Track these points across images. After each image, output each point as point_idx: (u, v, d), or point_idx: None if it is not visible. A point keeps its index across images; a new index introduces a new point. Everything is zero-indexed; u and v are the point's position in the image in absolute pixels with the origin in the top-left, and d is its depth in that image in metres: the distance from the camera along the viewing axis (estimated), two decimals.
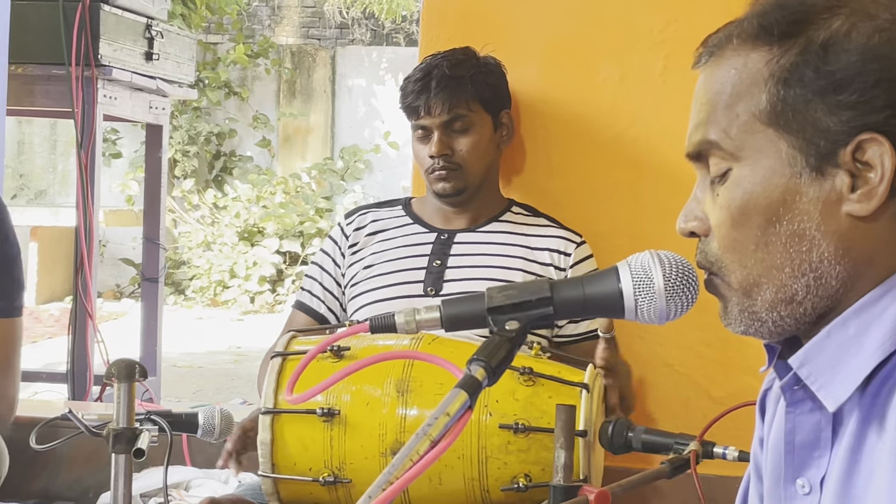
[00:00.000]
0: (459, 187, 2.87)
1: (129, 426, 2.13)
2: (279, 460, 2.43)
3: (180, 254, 10.84)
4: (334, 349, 2.46)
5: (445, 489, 2.39)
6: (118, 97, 4.57)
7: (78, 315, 4.53)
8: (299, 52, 13.50)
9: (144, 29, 4.66)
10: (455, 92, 2.86)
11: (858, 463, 1.11)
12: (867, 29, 1.08)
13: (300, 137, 13.13)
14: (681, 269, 1.20)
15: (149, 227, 5.22)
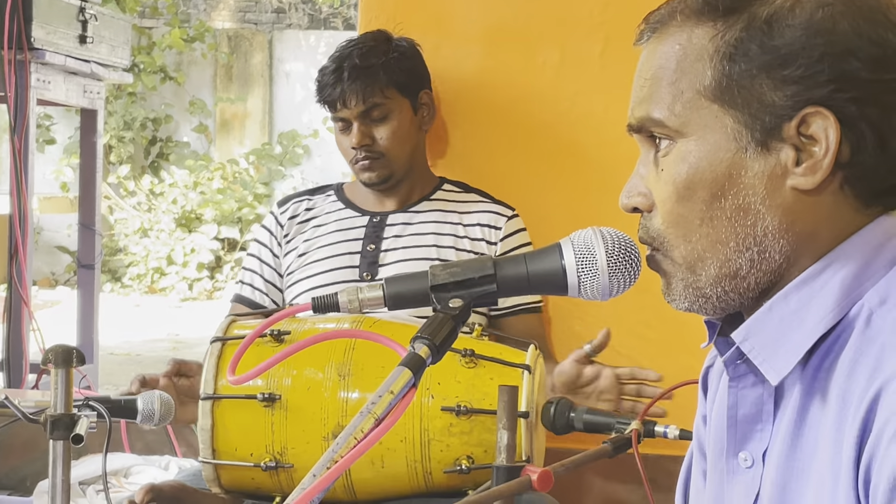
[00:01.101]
0: (385, 175, 2.88)
1: (67, 412, 2.11)
2: (220, 446, 2.42)
3: (117, 241, 10.77)
4: (274, 333, 2.45)
5: (388, 472, 2.39)
6: (52, 81, 4.53)
7: (13, 303, 4.48)
8: (236, 37, 13.42)
9: (78, 12, 4.61)
10: (368, 82, 2.86)
11: (801, 436, 1.11)
12: (811, 4, 1.08)
13: (237, 122, 13.06)
14: (623, 245, 1.20)
15: (84, 213, 5.17)
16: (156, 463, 3.13)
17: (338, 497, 2.43)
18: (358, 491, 2.42)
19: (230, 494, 2.47)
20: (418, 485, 2.40)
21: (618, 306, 3.06)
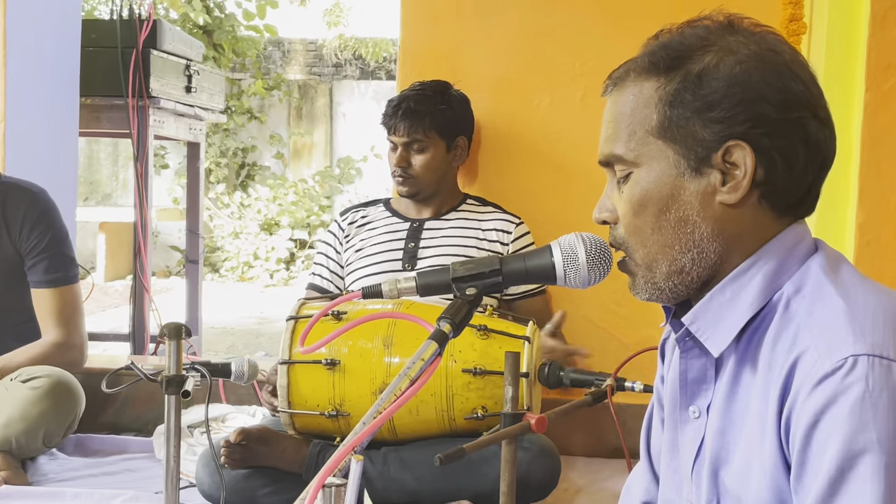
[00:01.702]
0: (413, 191, 2.91)
1: (177, 373, 2.14)
2: (294, 399, 2.43)
3: (215, 241, 10.79)
4: (334, 314, 2.46)
5: (422, 418, 2.40)
6: (165, 121, 4.55)
7: (137, 289, 4.52)
8: (304, 86, 13.43)
9: (184, 68, 4.63)
10: (415, 122, 2.87)
11: (736, 394, 1.12)
12: (731, 61, 1.10)
13: (306, 151, 13.08)
14: (599, 246, 1.22)
15: (190, 221, 5.20)
16: (245, 411, 3.15)
17: (384, 437, 2.44)
18: (399, 433, 2.43)
19: (302, 436, 2.48)
20: (444, 428, 2.41)
21: (596, 289, 3.06)
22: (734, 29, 1.14)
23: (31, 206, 2.91)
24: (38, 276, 2.91)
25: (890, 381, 0.97)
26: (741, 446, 1.10)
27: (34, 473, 2.79)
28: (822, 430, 0.98)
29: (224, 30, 11.23)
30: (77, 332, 2.94)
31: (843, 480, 0.96)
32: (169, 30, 4.48)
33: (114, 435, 3.19)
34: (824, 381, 0.98)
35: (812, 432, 0.99)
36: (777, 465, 1.04)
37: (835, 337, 1.01)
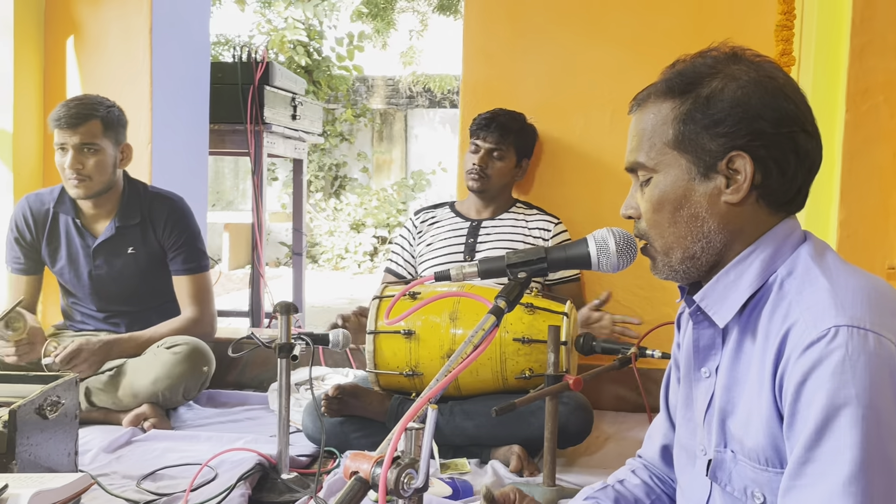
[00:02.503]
0: (482, 188, 2.88)
1: (287, 341, 2.16)
2: (378, 361, 2.45)
3: (314, 238, 10.89)
4: (410, 294, 2.48)
5: (480, 377, 2.40)
6: (276, 142, 4.60)
7: (254, 276, 4.56)
8: (384, 113, 13.49)
9: (291, 100, 4.68)
10: (503, 135, 2.88)
11: (739, 358, 1.11)
12: (734, 86, 1.09)
13: (386, 166, 13.14)
14: (626, 238, 1.21)
15: (296, 221, 5.25)
16: (340, 373, 3.17)
17: (450, 393, 2.45)
18: (462, 389, 2.44)
19: (384, 391, 2.50)
20: (499, 386, 2.41)
21: (623, 277, 3.05)
22: (738, 58, 1.13)
23: (171, 210, 2.95)
24: (178, 265, 2.95)
25: (866, 347, 0.96)
26: (743, 400, 1.09)
27: (175, 420, 2.83)
28: (809, 387, 0.97)
29: (321, 69, 11.32)
30: (208, 309, 2.97)
31: (827, 428, 0.95)
32: (279, 70, 4.52)
33: (237, 391, 3.22)
34: (811, 347, 0.98)
35: (801, 389, 0.98)
36: (772, 415, 1.03)
37: (820, 311, 1.00)
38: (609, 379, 3.07)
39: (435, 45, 13.42)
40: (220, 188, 12.89)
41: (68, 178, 2.78)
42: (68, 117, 2.75)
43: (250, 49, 4.39)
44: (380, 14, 12.98)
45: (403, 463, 0.93)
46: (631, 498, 1.33)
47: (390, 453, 0.92)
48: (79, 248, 2.90)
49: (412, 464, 0.93)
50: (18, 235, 2.92)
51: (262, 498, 2.12)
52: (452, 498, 2.07)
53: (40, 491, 1.36)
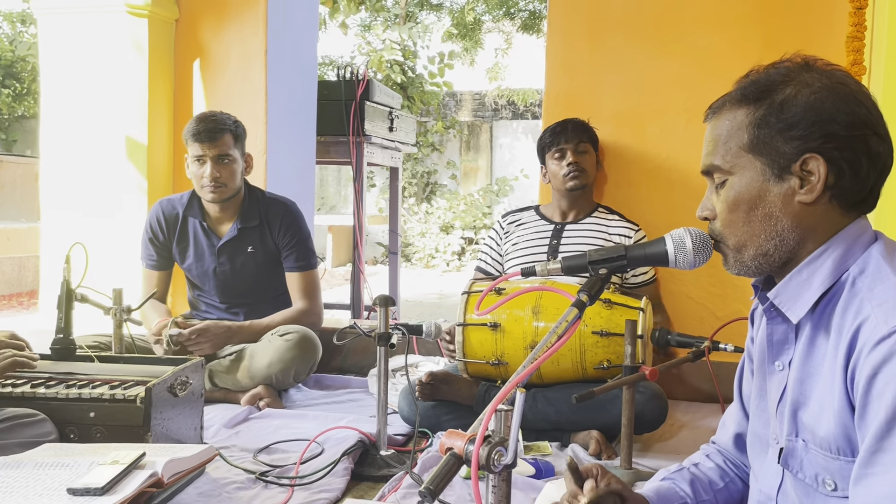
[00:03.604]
0: (582, 183, 2.83)
1: (385, 331, 2.19)
2: (467, 351, 2.46)
3: (408, 239, 11.00)
4: (496, 290, 2.48)
5: (561, 367, 2.38)
6: (374, 152, 4.67)
7: (355, 273, 4.64)
8: (471, 125, 13.54)
9: (388, 114, 4.74)
10: (581, 133, 2.86)
11: (812, 353, 1.08)
12: (807, 92, 1.06)
13: (473, 173, 13.19)
14: (702, 237, 1.19)
15: (391, 223, 5.30)
16: (432, 360, 3.19)
17: (532, 381, 2.44)
18: (544, 378, 2.43)
19: (473, 378, 2.50)
20: (578, 375, 2.39)
21: (697, 276, 2.99)
22: (810, 67, 1.09)
23: (285, 214, 3.03)
24: (290, 263, 3.02)
25: None
26: (816, 392, 1.06)
27: (287, 400, 2.90)
28: (880, 380, 0.94)
29: (415, 86, 11.43)
30: (317, 302, 3.03)
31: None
32: (377, 87, 4.59)
33: (340, 375, 3.27)
34: (882, 342, 0.95)
35: (872, 382, 0.95)
36: (844, 406, 1.00)
37: (891, 307, 0.97)
38: (684, 372, 3.01)
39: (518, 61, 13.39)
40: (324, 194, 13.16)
41: (205, 185, 2.88)
42: (207, 132, 2.84)
43: (352, 68, 4.47)
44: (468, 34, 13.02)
45: (494, 441, 0.93)
46: (706, 480, 1.30)
47: (482, 432, 0.93)
48: (205, 248, 3.01)
49: (502, 442, 0.94)
50: (152, 235, 3.05)
51: (363, 472, 2.15)
52: (535, 477, 2.06)
53: (172, 459, 1.42)
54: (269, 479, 2.03)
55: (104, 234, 3.50)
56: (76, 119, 3.69)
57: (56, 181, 3.72)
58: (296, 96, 3.99)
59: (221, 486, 1.99)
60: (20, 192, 10.74)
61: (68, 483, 1.29)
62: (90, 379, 1.99)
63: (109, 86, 3.64)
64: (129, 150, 3.62)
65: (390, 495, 1.93)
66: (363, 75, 4.43)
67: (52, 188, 3.73)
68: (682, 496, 1.27)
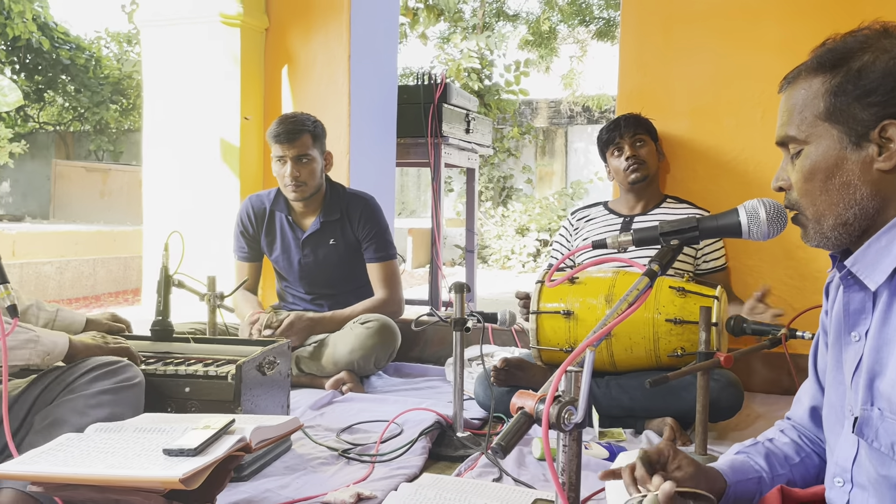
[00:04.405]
0: (643, 175, 2.78)
1: (462, 317, 2.19)
2: (541, 338, 2.43)
3: (484, 241, 11.01)
4: (570, 279, 2.44)
5: (634, 355, 2.34)
6: (452, 153, 4.68)
7: (433, 271, 4.67)
8: (547, 130, 13.46)
9: (465, 116, 4.75)
10: (637, 127, 2.80)
11: (889, 321, 1.03)
12: (885, 58, 1.01)
13: (548, 177, 13.11)
14: (776, 207, 1.14)
15: (468, 222, 5.30)
16: (507, 351, 3.18)
17: (606, 369, 2.39)
18: (618, 365, 2.38)
19: (546, 365, 2.48)
20: (652, 363, 2.33)
21: (774, 267, 2.88)
22: (889, 34, 1.04)
23: (364, 207, 3.07)
24: (370, 254, 3.07)
25: None
26: (893, 360, 1.00)
27: (368, 386, 2.93)
28: None
29: (491, 93, 11.44)
30: (396, 292, 3.06)
31: None
32: (454, 89, 4.60)
33: (419, 364, 3.29)
34: None
35: None
36: None
37: None
38: (760, 363, 2.91)
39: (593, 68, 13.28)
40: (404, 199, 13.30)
41: (287, 184, 2.95)
42: (286, 133, 2.91)
43: (430, 74, 4.50)
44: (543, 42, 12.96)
45: (564, 400, 0.92)
46: (781, 455, 1.25)
47: (552, 392, 0.92)
48: (290, 241, 3.08)
49: (572, 402, 0.93)
50: (243, 229, 3.14)
51: (440, 451, 2.16)
52: (609, 460, 2.03)
53: (259, 426, 1.46)
54: (351, 455, 2.06)
55: (200, 230, 3.63)
56: (175, 126, 3.84)
57: (157, 186, 3.88)
58: (377, 100, 4.05)
59: (306, 461, 2.04)
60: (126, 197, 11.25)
61: (164, 445, 1.34)
62: (186, 357, 2.06)
63: (205, 92, 3.78)
64: (222, 152, 3.74)
65: (466, 473, 1.93)
66: (441, 78, 4.46)
67: (154, 193, 3.89)
68: (756, 470, 1.22)
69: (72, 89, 13.74)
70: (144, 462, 1.30)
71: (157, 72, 3.89)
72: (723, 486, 1.19)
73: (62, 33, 13.23)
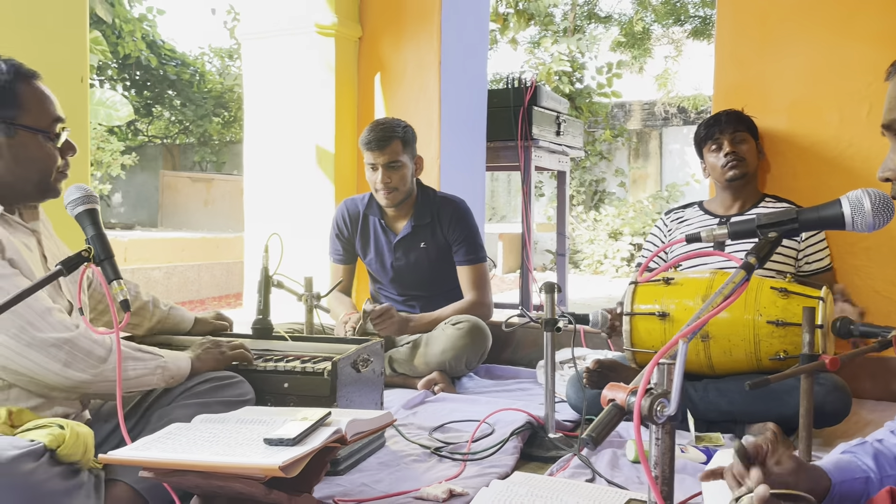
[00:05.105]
0: (741, 173, 2.70)
1: (552, 317, 2.18)
2: (635, 340, 2.39)
3: (576, 246, 10.88)
4: (665, 279, 2.38)
5: (734, 358, 2.26)
6: (542, 156, 4.67)
7: (524, 275, 4.67)
8: (640, 132, 13.21)
9: (555, 118, 4.73)
10: (738, 124, 2.72)
11: None
12: None
13: (642, 180, 12.85)
14: (882, 197, 1.09)
15: (559, 226, 5.27)
16: (599, 352, 3.13)
17: (703, 372, 2.33)
18: (716, 368, 2.31)
19: (640, 368, 2.44)
20: (753, 366, 2.25)
21: (883, 270, 2.74)
22: None
23: (455, 211, 3.10)
24: (460, 257, 3.09)
25: None
26: None
27: (459, 387, 2.95)
28: None
29: (582, 97, 11.33)
30: (486, 294, 3.07)
31: None
32: (545, 91, 4.60)
33: (510, 366, 3.28)
34: None
35: None
36: None
37: None
38: (870, 367, 2.76)
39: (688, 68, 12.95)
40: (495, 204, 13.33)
41: (378, 190, 3.01)
42: (377, 140, 2.97)
43: (520, 77, 4.51)
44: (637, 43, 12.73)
45: (657, 393, 0.91)
46: (891, 455, 1.19)
47: (644, 383, 0.91)
48: (383, 244, 3.15)
49: (664, 394, 0.91)
50: (338, 232, 3.23)
51: (532, 452, 2.16)
52: (706, 464, 1.97)
53: (354, 419, 1.50)
54: (444, 453, 2.09)
55: (297, 234, 3.75)
56: (273, 134, 3.99)
57: (257, 194, 4.04)
58: (467, 104, 4.08)
59: (400, 457, 2.07)
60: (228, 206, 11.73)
61: (264, 434, 1.39)
62: (284, 354, 2.14)
63: (301, 101, 3.90)
64: (318, 159, 3.86)
65: (558, 474, 1.92)
66: (531, 81, 4.45)
67: (254, 200, 4.05)
68: (864, 469, 1.17)
69: (178, 103, 14.45)
70: (246, 450, 1.36)
71: (256, 83, 4.05)
72: (826, 485, 1.14)
73: (169, 50, 13.94)
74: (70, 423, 1.41)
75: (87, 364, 1.52)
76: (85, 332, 1.54)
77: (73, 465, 1.40)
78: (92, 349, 1.53)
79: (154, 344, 2.20)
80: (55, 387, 1.52)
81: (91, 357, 1.53)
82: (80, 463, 1.41)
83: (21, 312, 1.46)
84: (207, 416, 1.58)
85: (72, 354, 1.51)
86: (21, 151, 1.59)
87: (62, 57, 2.63)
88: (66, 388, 1.53)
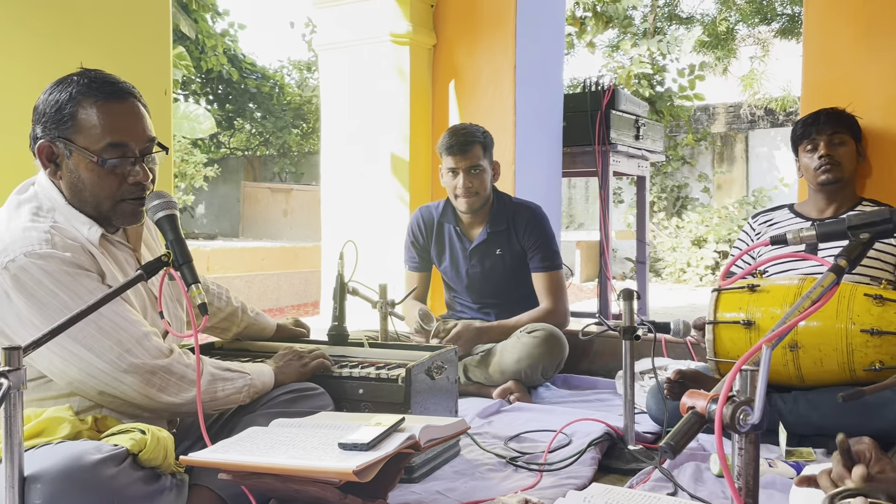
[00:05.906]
0: (837, 177, 2.59)
1: (631, 324, 2.15)
2: (718, 350, 2.31)
3: (657, 254, 10.66)
4: (749, 287, 2.31)
5: (825, 368, 2.17)
6: (620, 161, 4.61)
7: (602, 283, 4.61)
8: (725, 136, 12.87)
9: (634, 122, 4.66)
10: (835, 124, 2.62)
11: None
12: None
13: (727, 185, 12.50)
14: None
15: (639, 233, 5.19)
16: (680, 362, 3.05)
17: (793, 383, 2.24)
18: (806, 380, 2.21)
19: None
20: (845, 377, 2.15)
21: None
22: None
23: (531, 217, 3.09)
24: (536, 263, 3.07)
25: None
26: None
27: (536, 397, 2.93)
28: None
29: (663, 100, 11.11)
30: (562, 302, 3.04)
31: None
32: (623, 95, 4.53)
33: (588, 376, 3.24)
34: None
35: None
36: None
37: None
38: None
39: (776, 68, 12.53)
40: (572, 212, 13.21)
41: (459, 195, 3.02)
42: (459, 145, 2.98)
43: (598, 80, 4.46)
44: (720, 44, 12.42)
45: (739, 400, 0.88)
46: None
47: (725, 390, 0.88)
48: (458, 251, 3.16)
49: (747, 402, 0.88)
50: (414, 239, 3.26)
51: (610, 464, 2.12)
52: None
53: (428, 426, 1.50)
54: (519, 463, 2.07)
55: (373, 242, 3.80)
56: (349, 143, 4.06)
57: (334, 204, 4.12)
58: (542, 110, 4.07)
59: (475, 466, 2.07)
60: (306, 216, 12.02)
61: (339, 439, 1.41)
62: (360, 361, 2.17)
63: (376, 110, 3.97)
64: (393, 166, 3.91)
65: (638, 486, 1.88)
66: (609, 85, 4.40)
67: (331, 210, 4.13)
68: None
69: (258, 116, 14.90)
70: (322, 454, 1.38)
71: (333, 93, 4.14)
72: None
73: (249, 64, 14.40)
74: (151, 428, 1.46)
75: (179, 388, 1.56)
76: (178, 358, 1.58)
77: (155, 470, 1.45)
78: (185, 374, 1.57)
79: (233, 349, 2.27)
80: (147, 409, 1.56)
81: (184, 381, 1.57)
82: (161, 467, 1.46)
83: (120, 339, 1.50)
84: (284, 420, 1.61)
85: (165, 380, 1.55)
86: (76, 173, 1.57)
87: (147, 70, 2.75)
88: (157, 410, 1.57)
